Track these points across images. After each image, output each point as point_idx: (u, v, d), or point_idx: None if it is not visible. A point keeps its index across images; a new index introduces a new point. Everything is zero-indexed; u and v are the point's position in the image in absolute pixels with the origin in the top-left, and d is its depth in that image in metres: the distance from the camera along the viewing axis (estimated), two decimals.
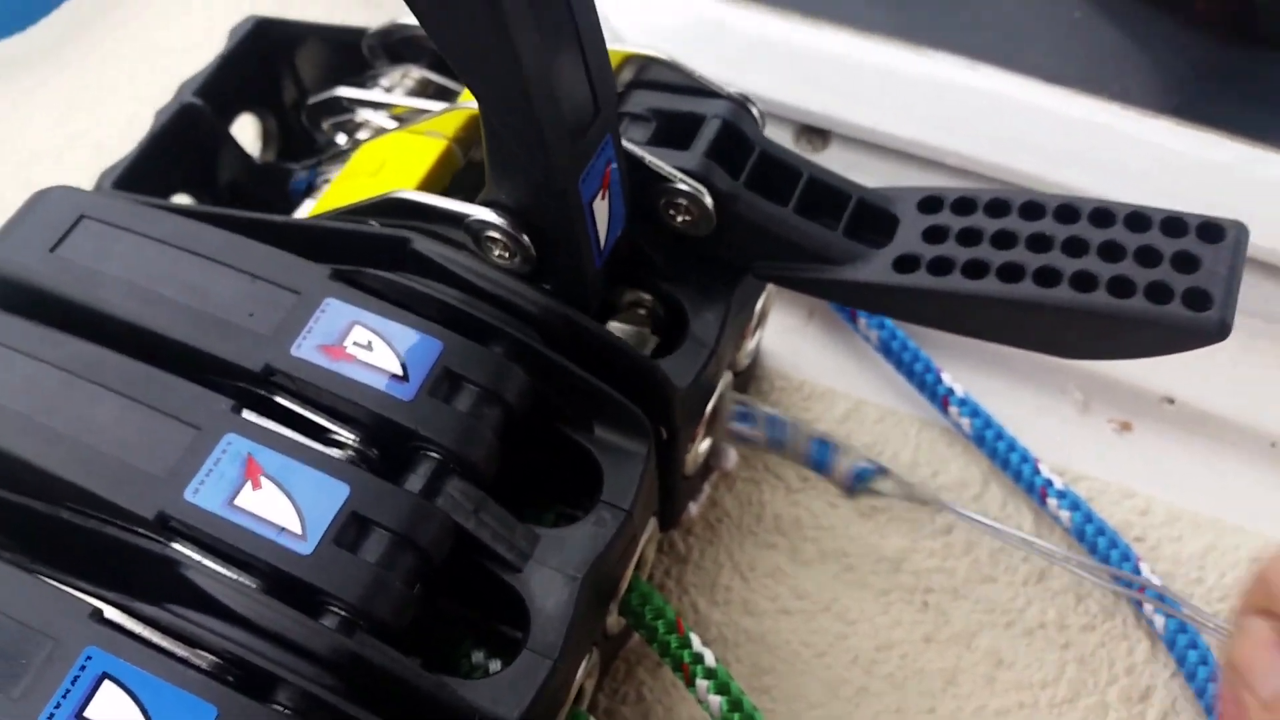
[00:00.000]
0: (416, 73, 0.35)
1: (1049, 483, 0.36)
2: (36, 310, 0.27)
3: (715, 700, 0.29)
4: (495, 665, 0.27)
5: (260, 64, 0.37)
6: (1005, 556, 0.36)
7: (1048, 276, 0.27)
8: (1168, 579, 0.36)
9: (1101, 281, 0.27)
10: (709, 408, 0.32)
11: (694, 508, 0.36)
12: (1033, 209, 0.28)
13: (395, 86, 0.35)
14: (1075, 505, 0.36)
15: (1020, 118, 0.39)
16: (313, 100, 0.35)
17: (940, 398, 0.38)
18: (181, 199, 0.35)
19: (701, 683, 0.30)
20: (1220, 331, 0.26)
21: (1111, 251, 0.27)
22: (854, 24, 0.41)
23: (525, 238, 0.27)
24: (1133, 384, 0.39)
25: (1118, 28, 0.42)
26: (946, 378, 0.38)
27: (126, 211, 0.28)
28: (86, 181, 0.32)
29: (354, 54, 0.36)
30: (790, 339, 0.40)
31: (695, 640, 0.30)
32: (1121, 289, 0.26)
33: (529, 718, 0.24)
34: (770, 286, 0.35)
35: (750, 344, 0.36)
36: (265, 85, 0.37)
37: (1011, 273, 0.27)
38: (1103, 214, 0.28)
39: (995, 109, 0.39)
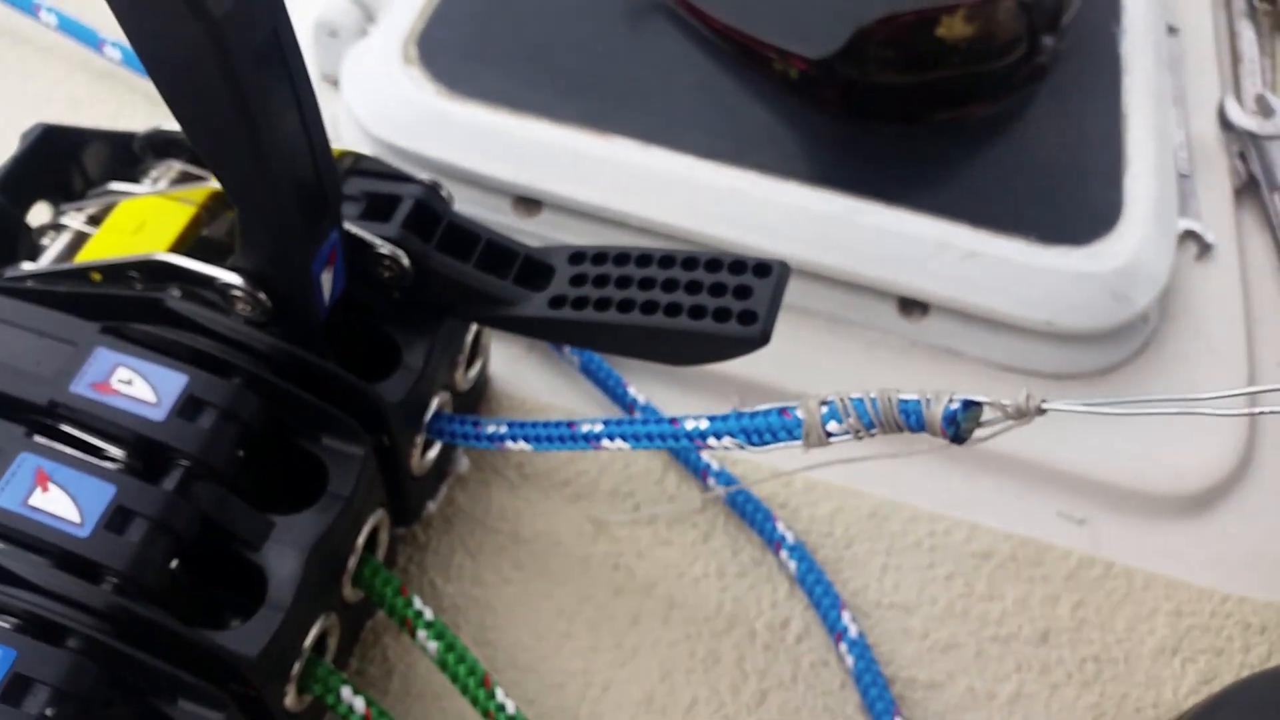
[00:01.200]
0: (178, 166, 0.43)
1: (708, 466, 0.46)
2: None
3: (433, 645, 0.38)
4: None
5: (49, 162, 0.44)
6: (679, 525, 0.46)
7: (648, 307, 0.37)
8: (805, 534, 0.46)
9: (684, 308, 0.37)
10: (425, 419, 0.41)
11: (433, 505, 0.45)
12: (644, 258, 0.38)
13: (161, 178, 0.43)
14: (728, 480, 0.46)
15: (682, 187, 0.50)
16: (90, 194, 0.43)
17: (628, 405, 0.48)
18: None
19: (421, 632, 0.38)
20: (763, 339, 0.36)
21: (693, 287, 0.37)
22: (552, 115, 0.51)
23: (263, 295, 0.36)
24: (776, 386, 0.49)
25: (761, 110, 0.53)
26: (632, 390, 0.48)
27: None
28: None
29: (118, 154, 0.44)
30: (514, 366, 0.50)
31: (416, 600, 0.38)
32: (697, 313, 0.36)
33: (265, 654, 0.32)
34: (479, 326, 0.44)
35: (471, 371, 0.45)
36: (56, 179, 0.45)
37: (624, 306, 0.37)
38: (690, 260, 0.38)
39: (663, 180, 0.50)
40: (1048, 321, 0.49)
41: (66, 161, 0.45)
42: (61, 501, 0.32)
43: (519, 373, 0.50)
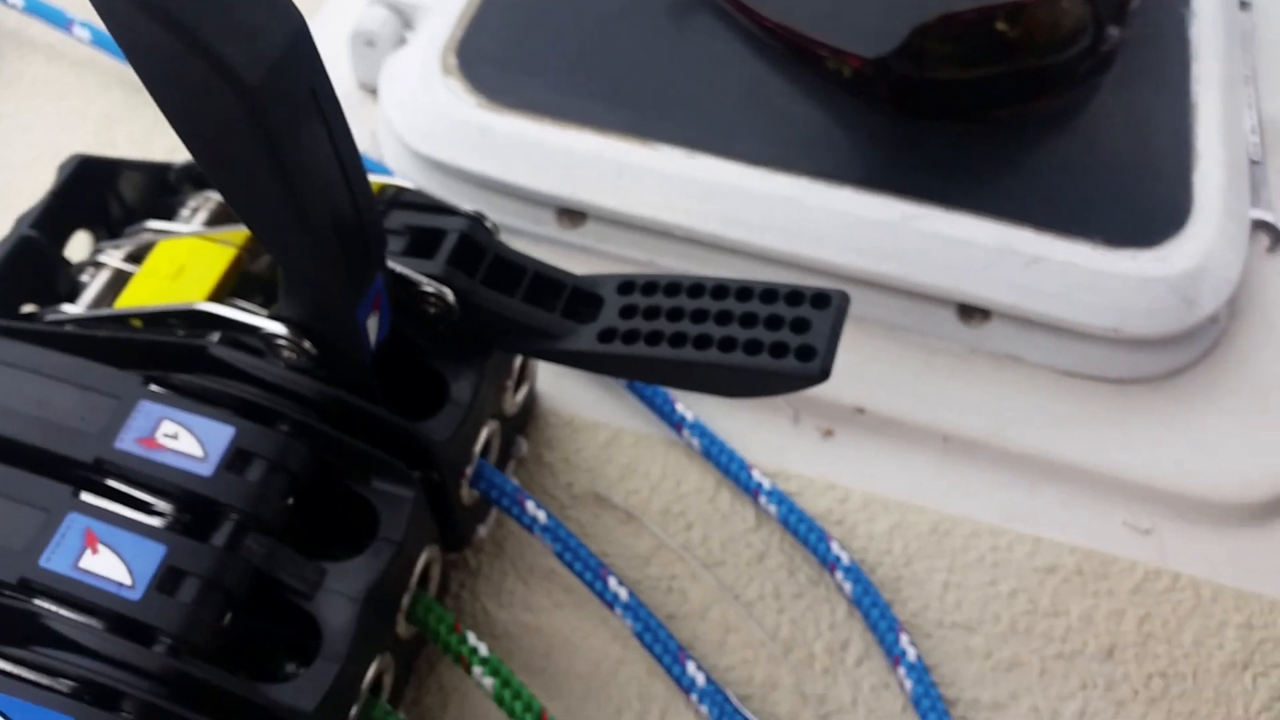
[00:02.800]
0: (215, 197, 0.42)
1: (760, 485, 0.45)
2: None
3: (489, 682, 0.38)
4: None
5: (86, 193, 0.44)
6: (732, 545, 0.45)
7: (701, 342, 0.36)
8: (863, 552, 0.45)
9: (739, 343, 0.35)
10: (475, 450, 0.40)
11: (483, 530, 0.45)
12: (696, 289, 0.37)
13: (199, 208, 0.42)
14: (780, 501, 0.45)
15: (731, 196, 0.49)
16: (127, 231, 0.42)
17: (675, 423, 0.47)
18: (28, 307, 0.42)
19: (477, 669, 0.38)
20: (821, 375, 0.35)
21: (748, 319, 0.36)
22: (595, 124, 0.50)
23: (307, 343, 0.35)
24: (832, 399, 0.48)
25: (813, 112, 0.51)
26: (680, 407, 0.47)
27: None
28: None
29: (154, 185, 0.44)
30: (560, 382, 0.49)
31: (471, 637, 0.38)
32: (753, 348, 0.35)
33: (323, 708, 0.32)
34: None
35: (519, 395, 0.44)
36: (93, 209, 0.44)
37: (677, 340, 0.36)
38: (744, 290, 0.36)
39: (710, 190, 0.49)
40: (1114, 328, 0.47)
41: (104, 191, 0.44)
42: (112, 563, 0.31)
43: (565, 389, 0.49)
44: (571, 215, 0.51)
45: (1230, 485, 0.47)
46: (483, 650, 0.38)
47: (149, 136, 0.55)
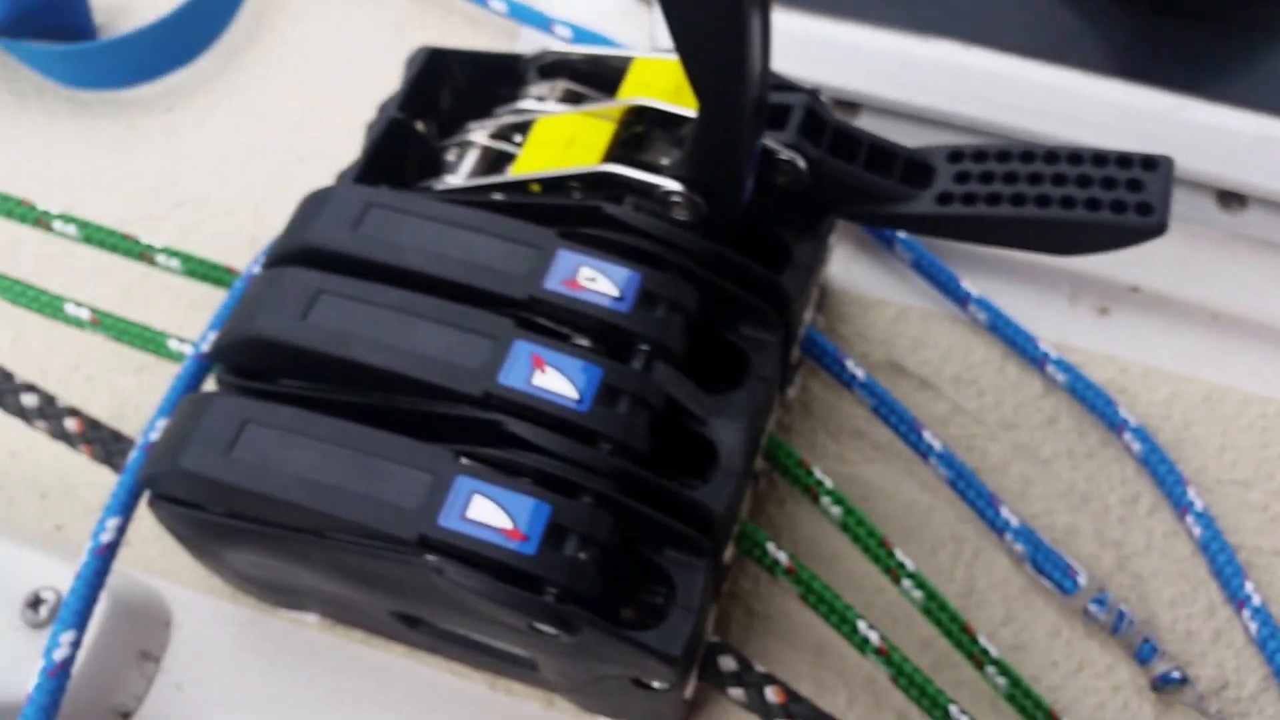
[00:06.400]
0: (563, 85, 0.46)
1: (1046, 355, 0.49)
2: (352, 271, 0.39)
3: (835, 510, 0.42)
4: None
5: (432, 83, 0.48)
6: (1023, 410, 0.49)
7: (1042, 200, 0.39)
8: (1144, 418, 0.49)
9: (1078, 201, 0.39)
10: (808, 314, 0.44)
11: (791, 392, 0.49)
12: (1027, 155, 0.40)
13: (547, 96, 0.46)
14: (1067, 369, 0.48)
15: (1004, 85, 0.52)
16: (496, 112, 0.46)
17: (961, 299, 0.50)
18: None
19: (824, 499, 0.42)
20: (1159, 229, 0.38)
21: (1083, 181, 0.39)
22: (872, 19, 0.53)
23: (699, 199, 0.39)
24: (1107, 278, 0.51)
25: (1073, 10, 0.54)
26: (965, 284, 0.50)
27: (404, 200, 0.40)
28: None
29: (492, 75, 0.48)
30: (848, 266, 0.52)
31: (817, 470, 0.42)
32: (1091, 205, 0.39)
33: (726, 511, 0.36)
34: (838, 223, 0.47)
35: (826, 270, 0.48)
36: (431, 99, 0.49)
37: (1017, 200, 0.39)
38: (1075, 155, 0.40)
39: (985, 80, 0.52)
40: None
41: (441, 84, 0.49)
42: (559, 381, 0.36)
43: (851, 271, 0.53)
44: (848, 107, 0.54)
45: None
46: (828, 482, 0.42)
47: (441, 42, 0.60)
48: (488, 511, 0.33)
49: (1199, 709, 0.42)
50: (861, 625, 0.40)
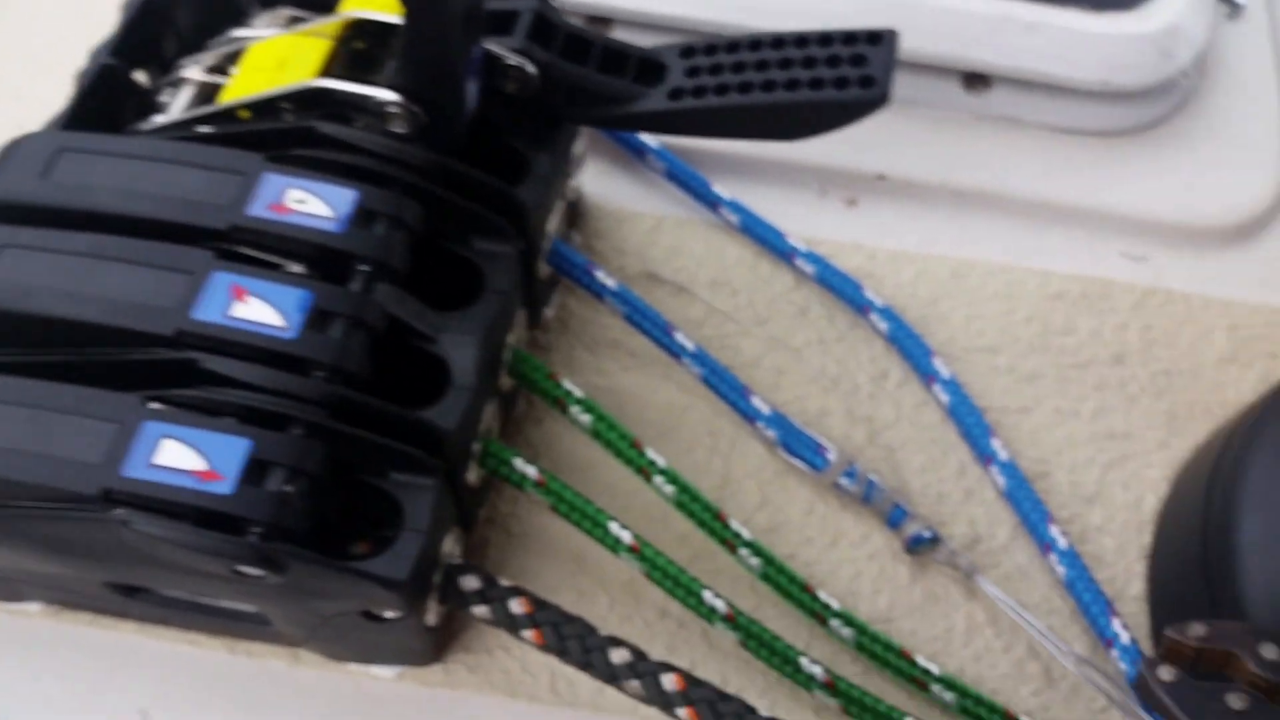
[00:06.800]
0: (286, 11, 0.45)
1: (795, 249, 0.50)
2: (42, 221, 0.37)
3: (585, 418, 0.42)
4: None
5: (149, 27, 0.46)
6: (776, 304, 0.50)
7: (768, 86, 0.40)
8: (892, 299, 0.50)
9: (803, 83, 0.40)
10: (552, 225, 0.44)
11: (549, 311, 0.49)
12: (755, 44, 0.41)
13: (272, 24, 0.45)
14: (815, 260, 0.50)
15: None
16: (208, 44, 0.45)
17: (713, 204, 0.51)
18: None
19: (573, 408, 0.42)
20: (881, 100, 0.39)
21: (809, 62, 0.40)
22: None
23: (417, 108, 0.39)
24: (854, 169, 0.53)
25: None
26: (717, 188, 0.51)
27: (97, 140, 0.38)
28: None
29: (215, 14, 0.46)
30: (602, 181, 0.53)
31: (566, 382, 0.42)
32: (815, 84, 0.40)
33: (458, 429, 0.36)
34: (584, 136, 0.47)
35: (574, 182, 0.48)
36: (153, 45, 0.47)
37: (744, 88, 0.40)
38: (801, 39, 0.41)
39: None
40: (1104, 81, 0.52)
41: (162, 26, 0.47)
42: (263, 310, 0.35)
43: (606, 186, 0.53)
44: (598, 21, 0.54)
45: (1209, 212, 0.53)
46: (577, 392, 0.43)
47: None
48: (179, 455, 0.32)
49: (951, 564, 0.44)
50: (614, 526, 0.40)
